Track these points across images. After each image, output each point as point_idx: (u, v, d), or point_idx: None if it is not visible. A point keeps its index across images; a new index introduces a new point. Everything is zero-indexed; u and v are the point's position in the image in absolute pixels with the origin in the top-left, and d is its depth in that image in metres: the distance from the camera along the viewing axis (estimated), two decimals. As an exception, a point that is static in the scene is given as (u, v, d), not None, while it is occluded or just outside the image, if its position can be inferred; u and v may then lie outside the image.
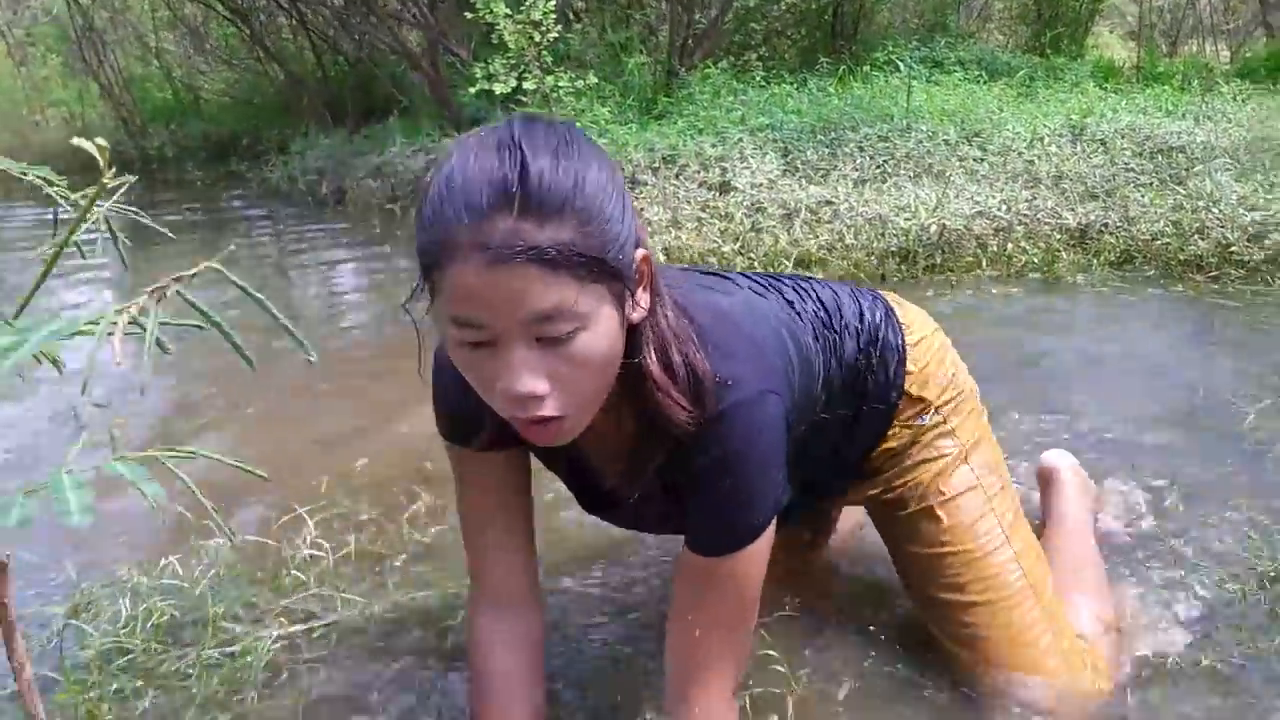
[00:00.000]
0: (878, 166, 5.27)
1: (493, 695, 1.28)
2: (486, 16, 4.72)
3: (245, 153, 8.00)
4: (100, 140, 0.70)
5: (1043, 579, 1.44)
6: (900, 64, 7.40)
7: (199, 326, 0.75)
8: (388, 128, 6.54)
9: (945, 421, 1.44)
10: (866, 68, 7.42)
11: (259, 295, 0.73)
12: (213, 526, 1.94)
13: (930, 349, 1.45)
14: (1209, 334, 3.17)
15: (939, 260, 3.97)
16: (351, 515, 2.13)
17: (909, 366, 1.41)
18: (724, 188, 4.95)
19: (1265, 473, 2.17)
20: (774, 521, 1.14)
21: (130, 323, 0.69)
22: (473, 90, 4.92)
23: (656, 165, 5.17)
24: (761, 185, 4.82)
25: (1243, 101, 6.66)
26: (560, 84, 4.97)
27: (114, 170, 0.70)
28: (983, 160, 5.37)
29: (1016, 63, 8.27)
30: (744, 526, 1.12)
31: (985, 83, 7.47)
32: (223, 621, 1.71)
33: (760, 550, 1.13)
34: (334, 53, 8.37)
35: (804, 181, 4.99)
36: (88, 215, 0.75)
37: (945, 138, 5.64)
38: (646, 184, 4.96)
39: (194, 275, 0.72)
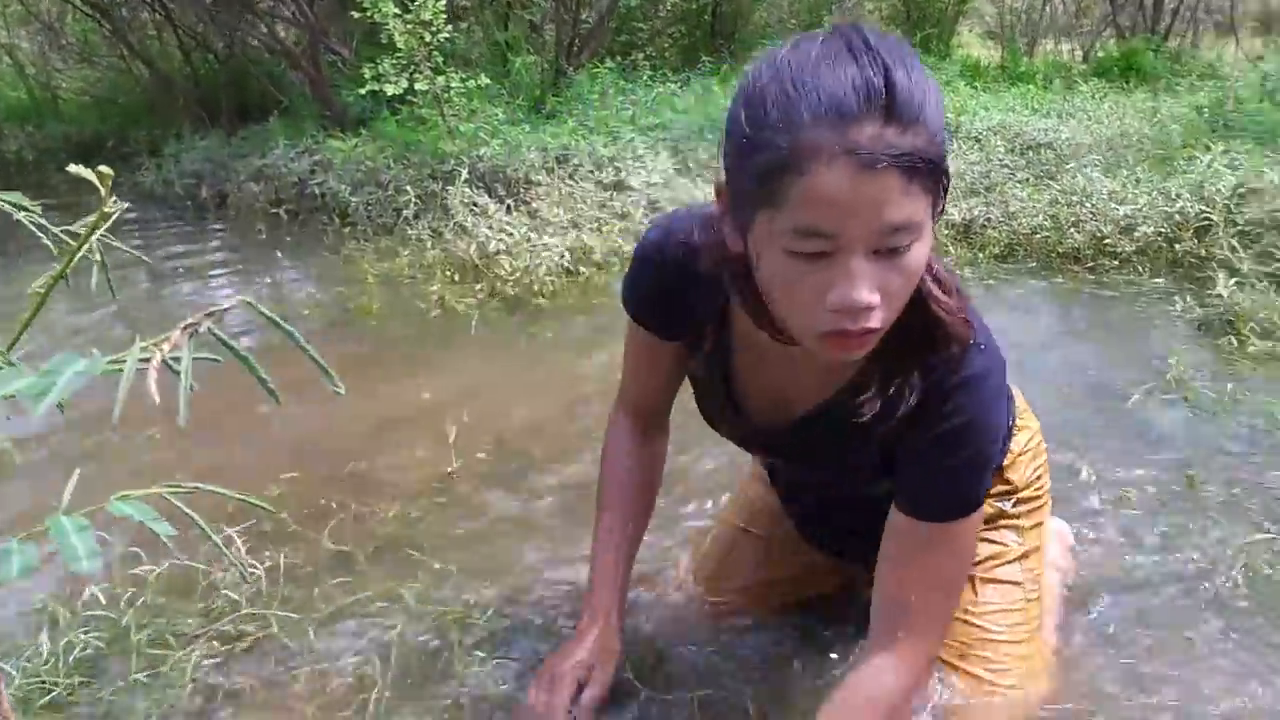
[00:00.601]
0: (767, 164, 5.38)
1: (616, 487, 1.46)
2: (375, 16, 4.62)
3: (111, 155, 7.63)
4: (104, 168, 0.68)
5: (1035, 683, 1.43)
6: (779, 63, 7.56)
7: (215, 359, 0.74)
8: (268, 129, 6.33)
9: (1019, 517, 1.46)
10: (747, 66, 7.56)
11: (289, 328, 0.72)
12: (137, 553, 1.88)
13: (1029, 442, 1.47)
14: (1089, 322, 3.35)
15: (835, 256, 4.08)
16: (277, 530, 2.08)
17: (1010, 446, 1.42)
18: (618, 187, 4.98)
19: (1151, 448, 2.32)
20: None
21: (142, 360, 0.67)
22: (362, 91, 4.81)
23: (550, 165, 5.16)
24: (657, 184, 4.86)
25: (1100, 99, 7.02)
26: (452, 84, 4.90)
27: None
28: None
29: (890, 62, 8.54)
30: (974, 495, 1.14)
31: (861, 81, 7.70)
32: (150, 649, 1.65)
33: (979, 516, 1.16)
34: (204, 50, 8.06)
35: (698, 180, 5.06)
36: (85, 248, 0.73)
37: (829, 134, 5.80)
38: (541, 184, 4.95)
39: (227, 309, 0.70)
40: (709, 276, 1.11)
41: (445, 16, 4.67)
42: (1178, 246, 3.80)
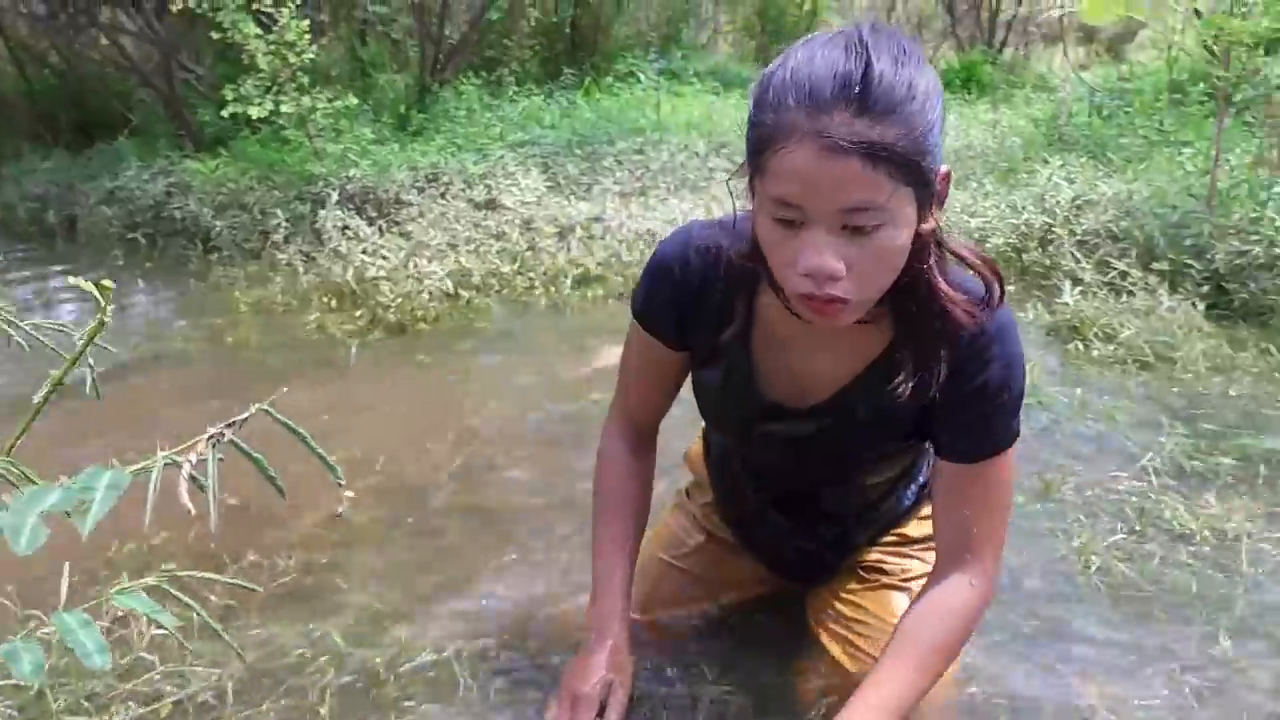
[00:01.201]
0: (636, 179, 5.49)
1: (614, 502, 1.49)
2: (236, 38, 4.51)
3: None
4: (108, 281, 0.70)
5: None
6: (641, 76, 7.71)
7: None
8: (119, 149, 6.09)
9: None
10: (609, 79, 7.68)
11: (303, 432, 0.76)
12: (43, 617, 1.83)
13: None
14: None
15: (709, 272, 4.20)
16: (181, 582, 2.04)
17: None
18: (491, 205, 5.00)
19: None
20: None
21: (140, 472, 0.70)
22: (225, 114, 4.69)
23: (421, 184, 5.15)
24: (530, 203, 4.91)
25: (946, 111, 7.39)
26: (318, 105, 4.83)
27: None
28: (732, 171, 5.70)
29: (748, 74, 8.79)
30: (1017, 426, 1.24)
31: (721, 94, 7.91)
32: (67, 716, 1.62)
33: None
34: (40, 65, 7.68)
35: (571, 198, 5.13)
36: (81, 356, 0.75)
37: (695, 150, 5.95)
38: (412, 204, 4.93)
39: (246, 419, 0.74)
40: (732, 275, 1.24)
41: (309, 37, 4.60)
42: (1025, 256, 4.06)
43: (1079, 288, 3.55)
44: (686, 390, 1.49)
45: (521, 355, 3.49)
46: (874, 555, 1.59)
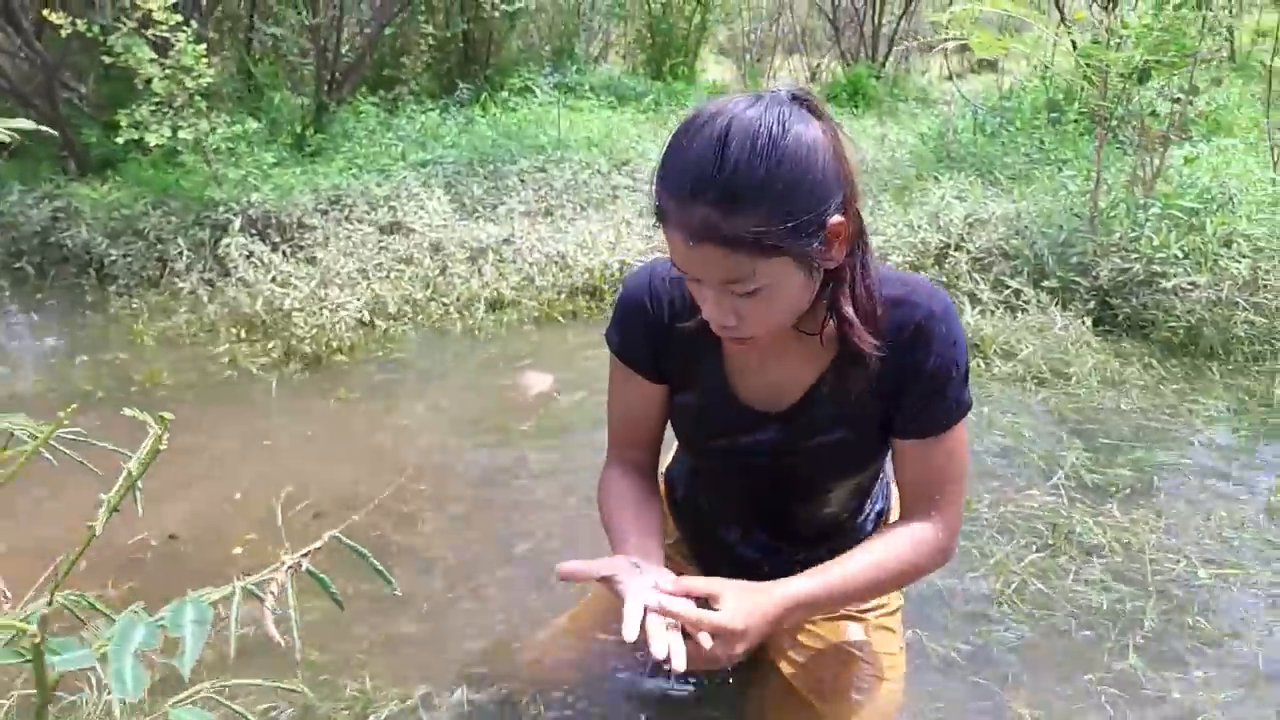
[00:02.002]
0: (541, 199, 5.52)
1: (630, 521, 1.42)
2: (130, 62, 4.38)
3: None
4: (166, 413, 0.73)
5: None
6: (536, 90, 7.73)
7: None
8: (-4, 172, 5.82)
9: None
10: (504, 94, 7.68)
11: (365, 553, 0.80)
12: None
13: None
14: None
15: (623, 295, 4.26)
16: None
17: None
18: (397, 228, 4.97)
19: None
20: None
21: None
22: (120, 141, 4.53)
23: (325, 207, 5.07)
24: (438, 225, 4.89)
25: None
26: (217, 130, 4.72)
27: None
28: (635, 189, 5.80)
29: (642, 88, 8.89)
30: (966, 400, 1.33)
31: (616, 108, 7.99)
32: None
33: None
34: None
35: (479, 219, 5.13)
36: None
37: (597, 167, 6.00)
38: (316, 227, 4.86)
39: (318, 548, 0.77)
40: (693, 298, 1.31)
41: (206, 60, 4.50)
42: (923, 275, 4.24)
43: (978, 307, 3.74)
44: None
45: (443, 386, 3.50)
46: None
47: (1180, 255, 3.69)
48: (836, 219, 1.14)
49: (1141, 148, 4.22)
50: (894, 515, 1.66)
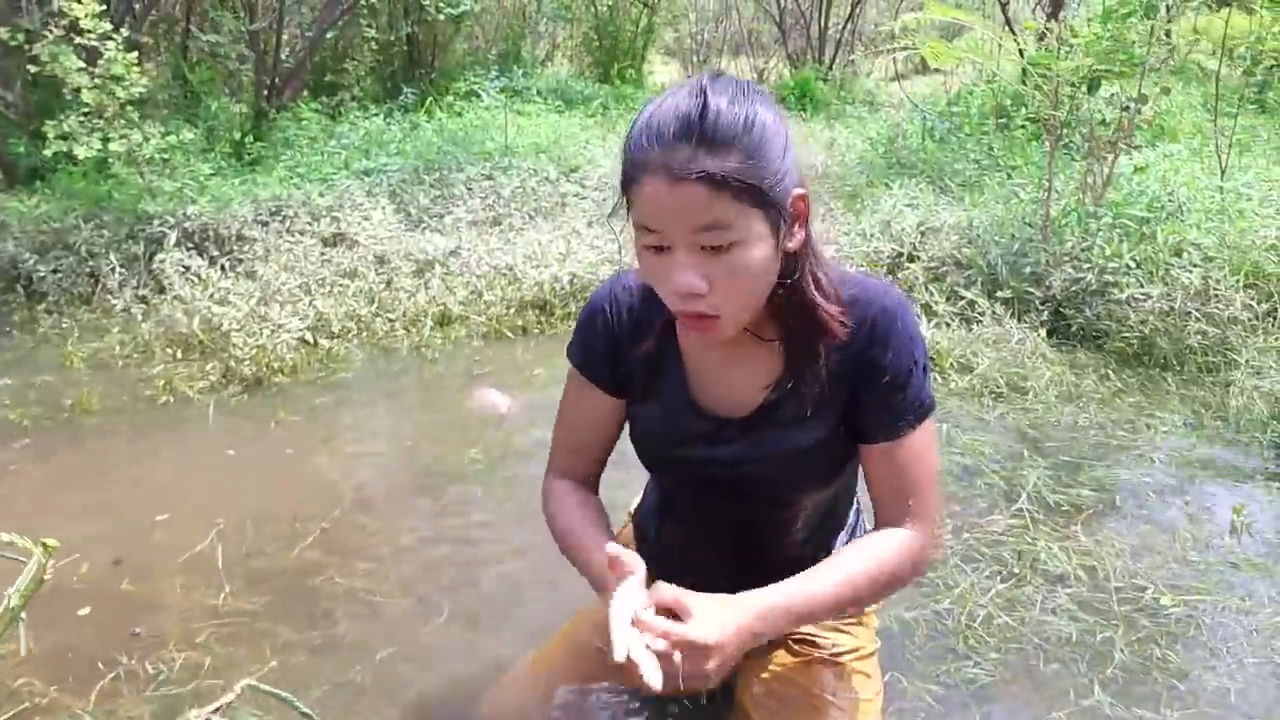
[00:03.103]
0: (489, 208, 5.41)
1: (578, 525, 1.42)
2: (56, 71, 4.20)
3: None
4: (51, 540, 0.63)
5: None
6: (483, 94, 7.61)
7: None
8: (-84, 182, 5.58)
9: (874, 618, 1.64)
10: (450, 98, 7.55)
11: (289, 697, 0.71)
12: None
13: None
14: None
15: (574, 309, 4.18)
16: (34, 707, 1.89)
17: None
18: (340, 240, 4.84)
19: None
20: None
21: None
22: (48, 154, 4.35)
23: (264, 219, 4.92)
24: (384, 237, 4.77)
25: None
26: (151, 140, 4.55)
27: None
28: (584, 197, 5.71)
29: (590, 92, 8.80)
30: (928, 397, 1.31)
31: (564, 112, 7.90)
32: None
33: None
34: None
35: (425, 230, 5.02)
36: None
37: (545, 174, 5.91)
38: (256, 239, 4.72)
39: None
40: (654, 309, 1.32)
41: (138, 70, 4.33)
42: (876, 283, 4.20)
43: (934, 320, 3.70)
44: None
45: (388, 408, 3.39)
46: (805, 628, 1.59)
47: (1133, 265, 3.68)
48: (799, 191, 1.18)
49: (1090, 155, 4.22)
50: None
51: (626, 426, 1.49)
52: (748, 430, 1.36)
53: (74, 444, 3.10)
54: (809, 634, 1.60)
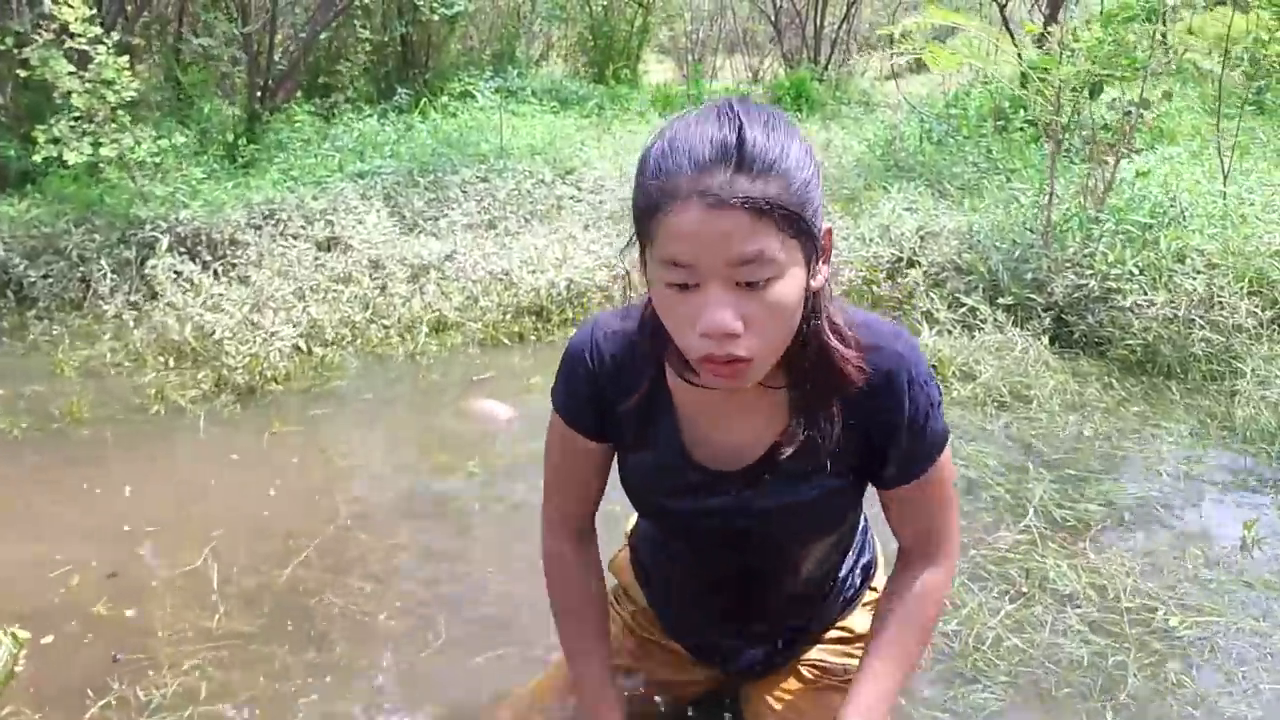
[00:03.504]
0: (484, 211, 5.36)
1: (575, 603, 1.47)
2: (46, 75, 4.15)
3: None
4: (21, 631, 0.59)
5: None
6: (477, 95, 7.55)
7: None
8: (-96, 185, 5.52)
9: None
10: (444, 99, 7.50)
11: None
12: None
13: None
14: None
15: (571, 315, 4.14)
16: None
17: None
18: (334, 244, 4.78)
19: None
20: None
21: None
22: (37, 159, 4.29)
23: (258, 222, 4.87)
24: (378, 241, 4.72)
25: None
26: (142, 144, 4.49)
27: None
28: (580, 200, 5.66)
29: (585, 92, 8.75)
30: (944, 430, 1.29)
31: (558, 113, 7.84)
32: None
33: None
34: None
35: (420, 234, 4.97)
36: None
37: (541, 177, 5.85)
38: (249, 244, 4.66)
39: None
40: (643, 355, 1.27)
41: (130, 73, 4.28)
42: (875, 290, 4.17)
43: (935, 327, 3.67)
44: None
45: (384, 418, 3.34)
46: (816, 653, 1.57)
47: (1135, 271, 3.65)
48: (827, 225, 1.13)
49: (1091, 160, 4.19)
50: (879, 565, 1.63)
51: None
52: (749, 483, 1.31)
53: (64, 455, 3.05)
54: (819, 659, 1.56)
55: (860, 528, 1.58)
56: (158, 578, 2.35)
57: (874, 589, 1.60)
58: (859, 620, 1.57)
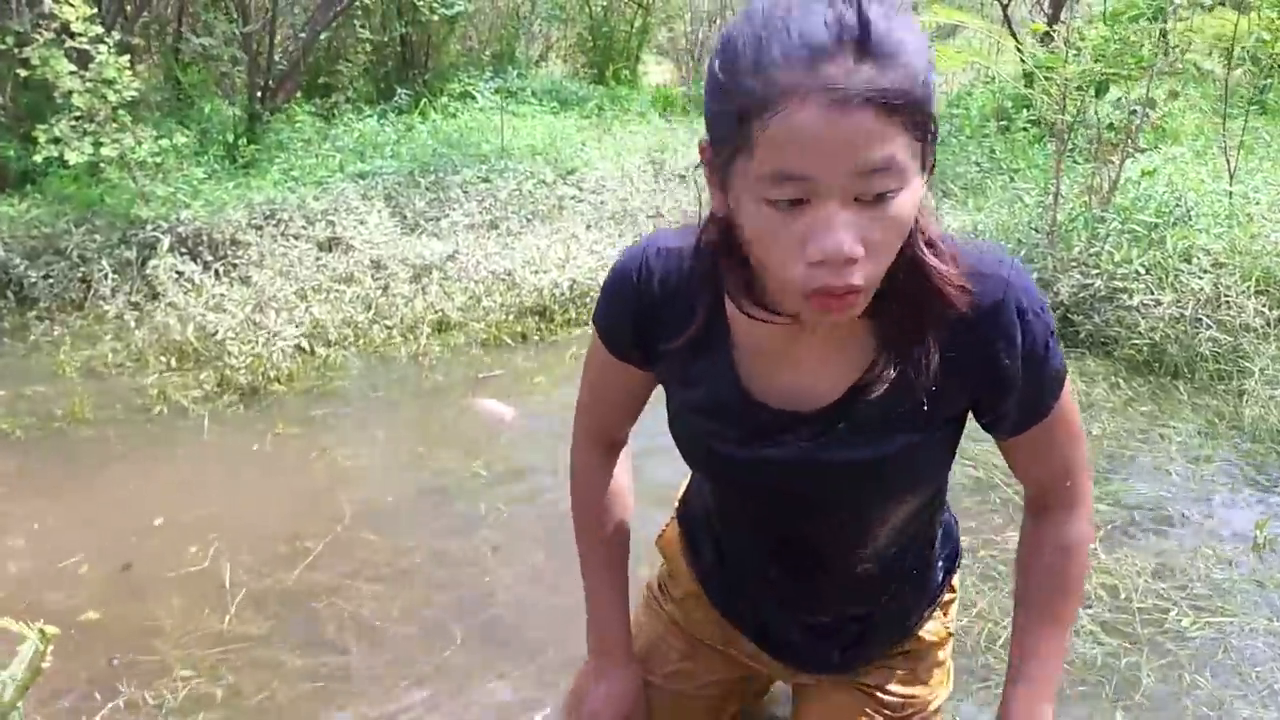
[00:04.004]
0: (486, 211, 5.34)
1: (595, 523, 1.39)
2: (47, 75, 4.13)
3: None
4: (50, 627, 0.58)
5: None
6: (477, 96, 7.53)
7: None
8: (-96, 186, 5.49)
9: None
10: (445, 99, 7.48)
11: None
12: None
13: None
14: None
15: (574, 315, 4.13)
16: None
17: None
18: (335, 244, 4.77)
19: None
20: None
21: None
22: (38, 159, 4.27)
23: (259, 223, 4.85)
24: (379, 241, 4.70)
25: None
26: (143, 144, 4.47)
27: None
28: (581, 200, 5.65)
29: (585, 93, 8.73)
30: (1063, 365, 1.11)
31: (558, 113, 7.83)
32: None
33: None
34: None
35: (421, 234, 4.95)
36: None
37: (542, 177, 5.84)
38: (250, 244, 4.64)
39: None
40: (696, 277, 1.09)
41: (130, 73, 4.26)
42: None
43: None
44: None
45: (388, 418, 3.32)
46: (879, 675, 1.41)
47: (1142, 270, 3.64)
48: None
49: (1096, 159, 4.18)
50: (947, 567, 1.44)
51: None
52: (822, 429, 1.11)
53: (66, 456, 3.03)
54: (879, 684, 1.41)
55: (944, 511, 1.41)
56: (163, 579, 2.33)
57: (953, 589, 1.46)
58: (932, 630, 1.42)
